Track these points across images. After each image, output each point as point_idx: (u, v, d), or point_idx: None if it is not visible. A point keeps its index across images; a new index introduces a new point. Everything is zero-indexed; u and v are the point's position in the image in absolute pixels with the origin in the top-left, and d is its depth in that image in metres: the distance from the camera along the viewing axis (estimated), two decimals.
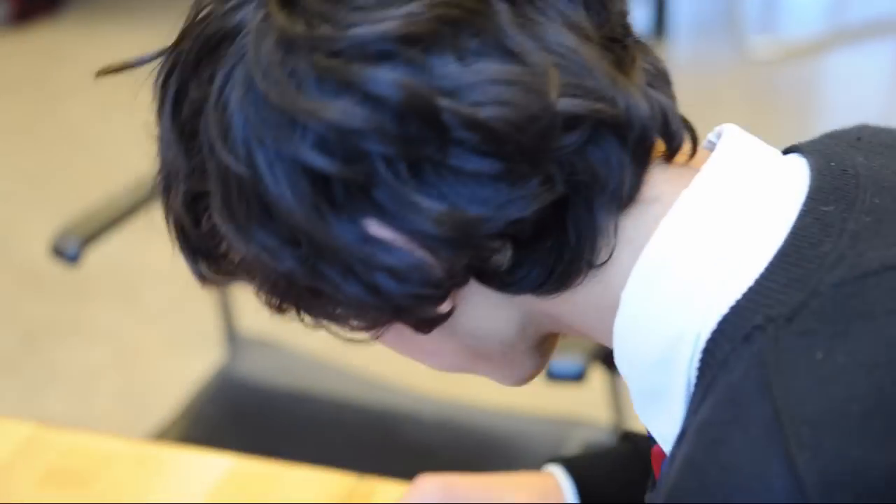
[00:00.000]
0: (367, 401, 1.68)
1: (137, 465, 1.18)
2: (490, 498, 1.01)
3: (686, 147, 0.73)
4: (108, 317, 2.66)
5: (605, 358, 1.51)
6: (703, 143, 0.74)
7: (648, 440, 1.01)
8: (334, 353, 1.75)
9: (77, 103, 3.45)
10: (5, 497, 1.14)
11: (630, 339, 0.72)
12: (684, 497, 0.65)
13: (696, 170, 0.71)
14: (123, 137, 2.54)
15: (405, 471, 1.13)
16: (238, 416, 1.58)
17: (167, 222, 0.76)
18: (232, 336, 1.80)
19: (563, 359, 1.36)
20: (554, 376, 1.36)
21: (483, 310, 0.74)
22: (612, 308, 0.72)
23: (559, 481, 1.01)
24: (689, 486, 0.65)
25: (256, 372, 1.73)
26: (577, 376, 1.35)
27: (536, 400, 1.89)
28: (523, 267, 0.71)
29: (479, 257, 0.70)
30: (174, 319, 2.64)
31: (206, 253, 0.75)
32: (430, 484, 1.02)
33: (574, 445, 1.56)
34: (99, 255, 2.70)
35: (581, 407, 1.79)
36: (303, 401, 1.67)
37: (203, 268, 0.76)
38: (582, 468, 1.02)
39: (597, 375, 1.58)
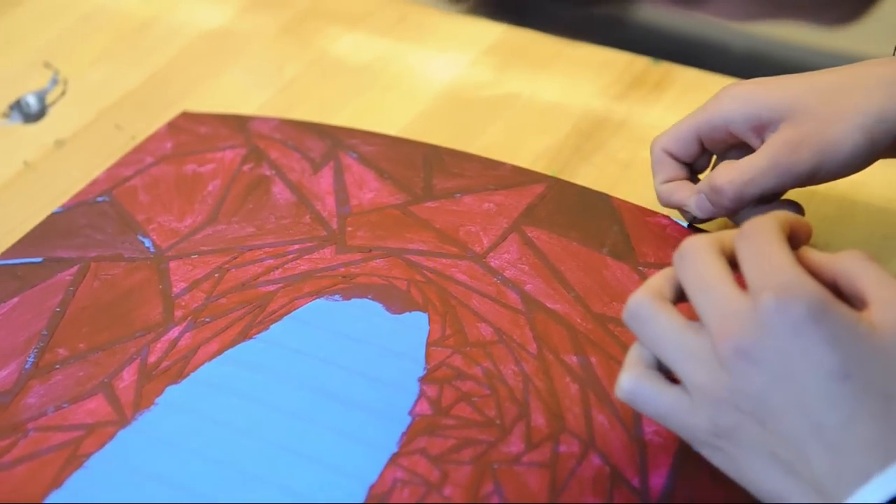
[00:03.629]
0: (675, 25, 1.48)
1: (395, 23, 1.01)
2: (839, 95, 0.75)
3: None
4: None
5: None
6: None
7: None
8: None
9: None
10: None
11: None
12: None
13: None
14: None
15: None
16: None
17: None
18: None
19: None
20: None
21: None
22: None
23: None
24: None
25: None
26: None
27: (859, 42, 1.64)
28: None
29: None
30: None
31: None
32: (743, 85, 0.78)
33: None
34: None
35: None
36: None
37: None
38: None
39: None
